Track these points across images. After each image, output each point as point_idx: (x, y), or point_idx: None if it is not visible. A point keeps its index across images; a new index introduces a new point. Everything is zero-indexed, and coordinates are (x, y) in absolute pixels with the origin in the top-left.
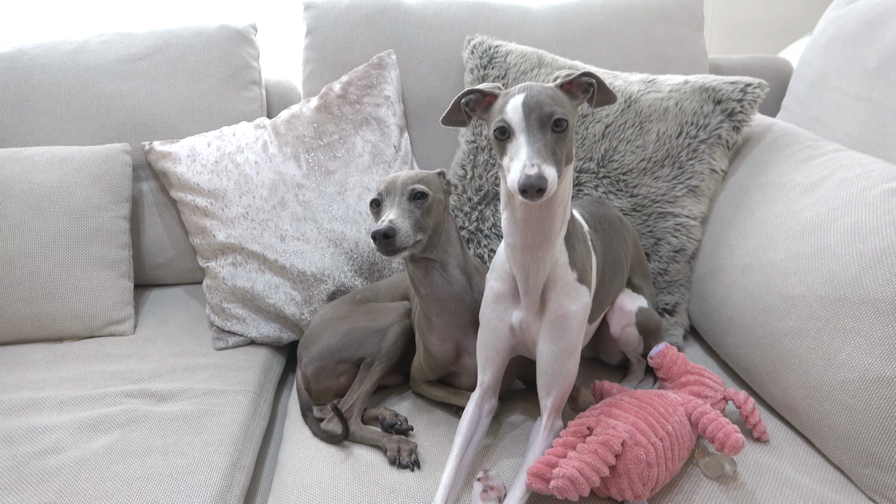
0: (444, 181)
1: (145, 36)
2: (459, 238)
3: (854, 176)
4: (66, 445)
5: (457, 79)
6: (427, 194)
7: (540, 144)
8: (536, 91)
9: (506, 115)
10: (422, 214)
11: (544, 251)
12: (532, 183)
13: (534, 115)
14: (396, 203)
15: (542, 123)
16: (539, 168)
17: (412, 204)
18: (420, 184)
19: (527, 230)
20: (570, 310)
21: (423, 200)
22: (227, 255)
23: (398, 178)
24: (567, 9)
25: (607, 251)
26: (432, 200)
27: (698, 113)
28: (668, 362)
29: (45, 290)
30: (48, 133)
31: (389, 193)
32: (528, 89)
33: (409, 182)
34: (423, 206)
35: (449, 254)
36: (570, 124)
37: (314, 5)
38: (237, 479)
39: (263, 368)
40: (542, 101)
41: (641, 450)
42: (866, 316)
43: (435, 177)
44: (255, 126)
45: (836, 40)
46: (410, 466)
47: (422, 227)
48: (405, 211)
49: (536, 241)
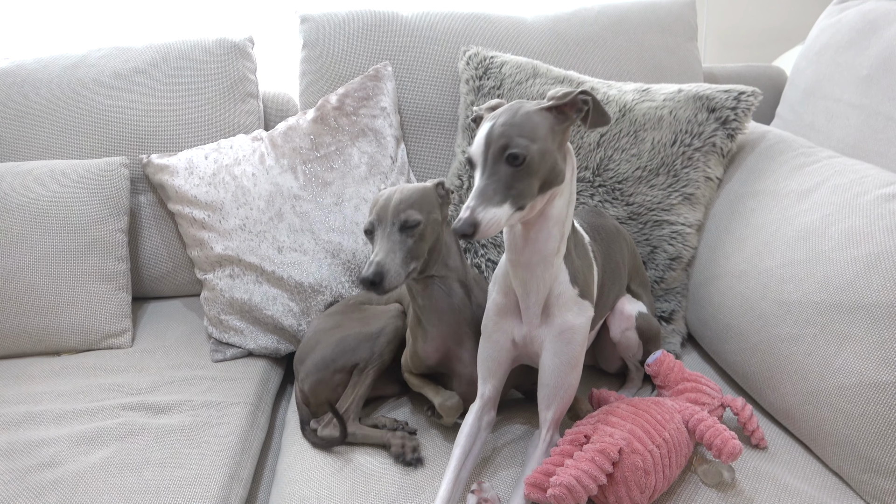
0: (441, 192)
1: (143, 50)
2: (459, 249)
3: (848, 182)
4: (63, 458)
5: (453, 90)
6: (419, 223)
7: (488, 182)
8: (506, 119)
9: (472, 147)
10: (415, 242)
11: (542, 269)
12: (457, 228)
13: (492, 149)
14: (387, 235)
15: (496, 158)
16: (472, 212)
17: (404, 234)
18: (412, 209)
19: (524, 249)
20: (575, 324)
21: (414, 229)
22: (224, 266)
23: (389, 203)
24: (561, 20)
25: (607, 261)
26: (426, 225)
27: (692, 121)
28: (665, 369)
29: (42, 303)
30: (46, 147)
31: (381, 222)
32: (498, 117)
33: (401, 208)
34: (415, 234)
35: (449, 267)
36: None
37: (311, 18)
38: (235, 491)
39: (261, 380)
40: (503, 133)
41: (639, 457)
42: (861, 321)
43: (430, 192)
44: (252, 138)
45: (829, 48)
46: (413, 464)
47: (415, 256)
48: (395, 244)
49: (534, 260)
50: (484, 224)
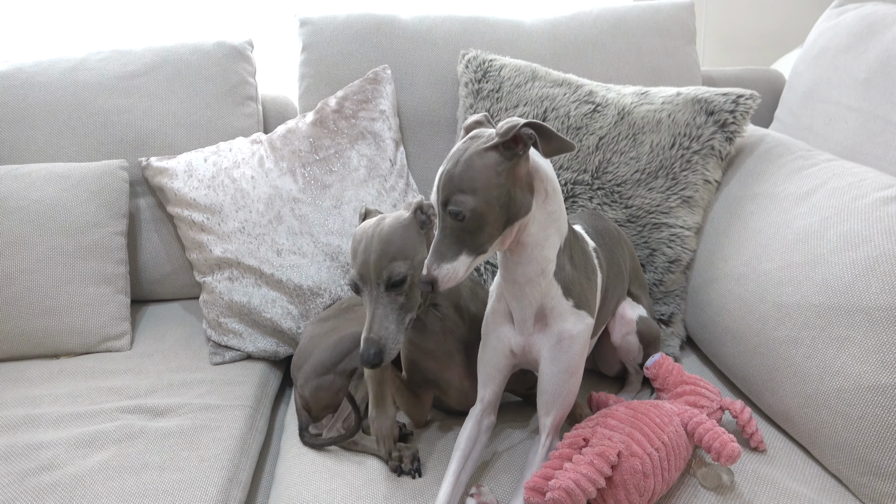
0: (422, 217)
1: (142, 53)
2: None
3: (846, 185)
4: (62, 461)
5: (452, 93)
6: (405, 278)
7: (441, 237)
8: (448, 168)
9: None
10: (406, 297)
11: (530, 288)
12: (419, 286)
13: (439, 202)
14: (374, 299)
15: (443, 212)
16: (429, 270)
17: (392, 292)
18: (395, 261)
19: (512, 269)
20: (573, 332)
21: (402, 285)
22: (223, 269)
23: (369, 258)
24: (560, 23)
25: (610, 265)
26: (414, 273)
27: (691, 124)
28: (663, 373)
29: (41, 306)
30: (45, 150)
31: (365, 282)
32: (447, 163)
33: (382, 264)
34: (404, 290)
35: (441, 294)
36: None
37: (310, 22)
38: (233, 494)
39: (260, 383)
40: (444, 186)
41: (637, 460)
42: (860, 324)
43: (410, 226)
44: (251, 141)
45: (827, 52)
46: (412, 473)
47: (410, 308)
48: (386, 307)
49: (522, 280)
50: (440, 279)
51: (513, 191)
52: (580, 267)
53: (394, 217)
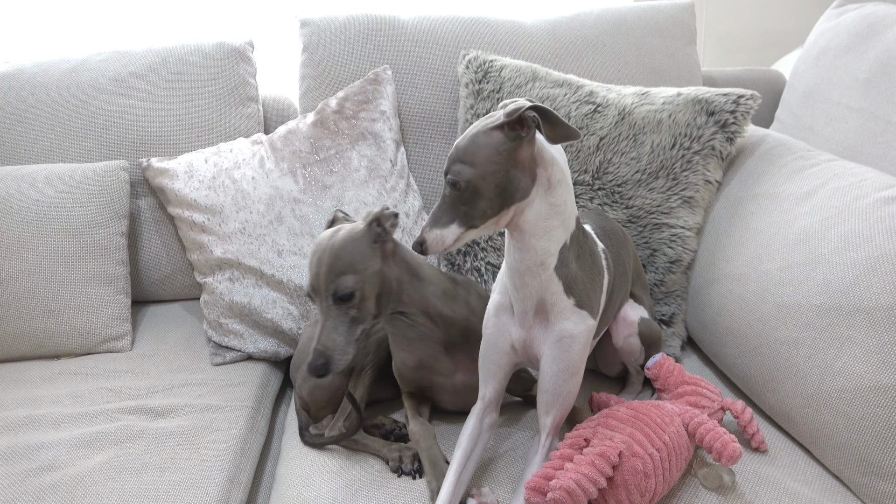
0: (377, 229)
1: (143, 54)
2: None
3: (847, 185)
4: (63, 462)
5: (452, 93)
6: (352, 293)
7: (440, 204)
8: (458, 142)
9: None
10: (357, 309)
11: (530, 277)
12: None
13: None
14: (325, 310)
15: (445, 181)
16: (422, 232)
17: (342, 307)
18: (343, 275)
19: (516, 255)
20: (574, 332)
21: (351, 299)
22: (224, 270)
23: (320, 270)
24: (561, 23)
25: (616, 266)
26: (363, 286)
27: (692, 124)
28: (664, 373)
29: (42, 306)
30: (46, 150)
31: (316, 293)
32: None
33: (330, 278)
34: (353, 303)
35: (404, 302)
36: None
37: (310, 22)
38: (234, 495)
39: (261, 384)
40: (449, 157)
41: (639, 461)
42: (861, 324)
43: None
44: (252, 142)
45: (828, 52)
46: (413, 474)
47: (361, 320)
48: (335, 319)
49: (521, 268)
50: (428, 242)
51: (512, 172)
52: (586, 267)
53: (348, 229)
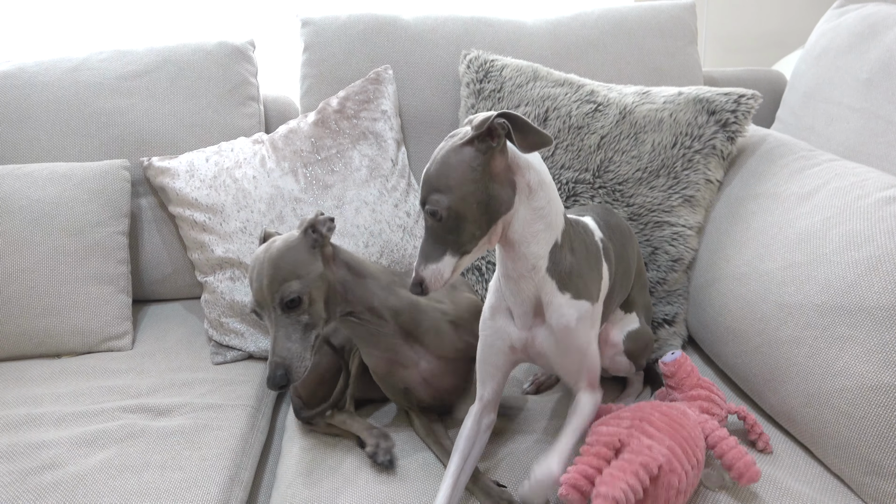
0: (313, 235)
1: (144, 53)
2: (361, 274)
3: (848, 185)
4: (64, 461)
5: (453, 93)
6: (299, 297)
7: (426, 238)
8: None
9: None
10: (307, 314)
11: (524, 283)
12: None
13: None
14: (274, 321)
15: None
16: (417, 272)
17: (291, 315)
18: (286, 282)
19: (504, 263)
20: (570, 325)
21: (299, 305)
22: (225, 269)
23: (262, 283)
24: (562, 23)
25: (619, 261)
26: (309, 290)
27: (692, 124)
28: (681, 373)
29: (43, 305)
30: (47, 149)
31: (263, 307)
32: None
33: (274, 287)
34: (302, 307)
35: (350, 303)
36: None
37: (312, 22)
38: (235, 493)
39: (262, 383)
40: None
41: (675, 477)
42: (863, 324)
43: (299, 246)
44: (253, 141)
45: (829, 52)
46: (385, 466)
47: (313, 325)
48: (287, 328)
49: (513, 276)
50: (427, 281)
51: (491, 187)
52: (580, 258)
53: (283, 239)
